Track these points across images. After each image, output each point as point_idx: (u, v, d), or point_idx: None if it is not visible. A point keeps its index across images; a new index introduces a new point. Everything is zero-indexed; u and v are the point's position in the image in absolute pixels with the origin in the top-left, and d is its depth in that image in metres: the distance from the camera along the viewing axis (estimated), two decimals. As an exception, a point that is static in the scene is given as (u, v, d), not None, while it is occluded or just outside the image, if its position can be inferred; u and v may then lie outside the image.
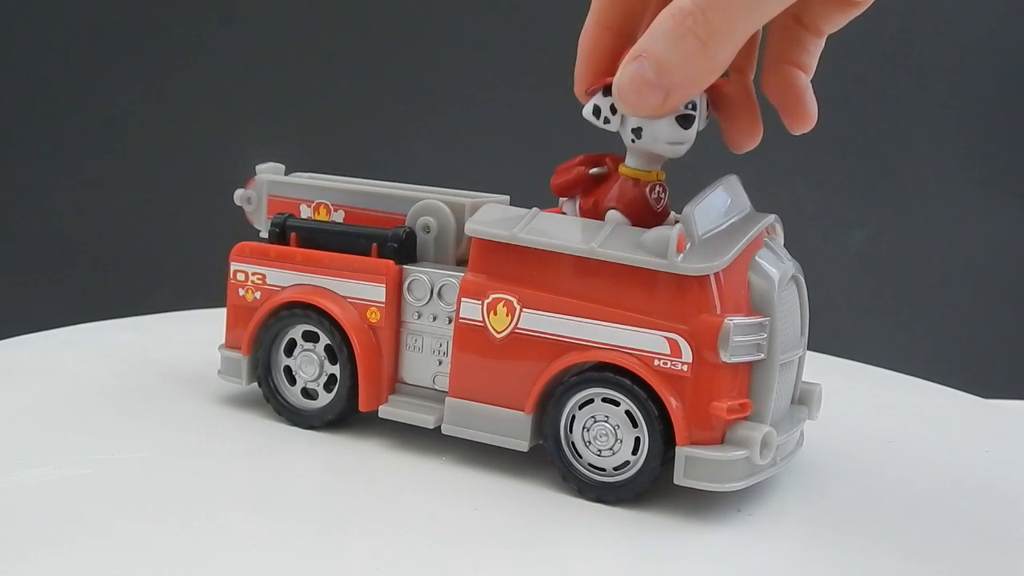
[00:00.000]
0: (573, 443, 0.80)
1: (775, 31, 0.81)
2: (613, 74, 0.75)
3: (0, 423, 0.90)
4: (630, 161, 0.82)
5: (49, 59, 1.74)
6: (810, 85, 0.81)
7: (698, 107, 0.80)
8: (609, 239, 0.78)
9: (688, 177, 0.83)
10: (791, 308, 0.81)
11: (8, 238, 1.75)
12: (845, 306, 1.78)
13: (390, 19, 1.77)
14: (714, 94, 0.82)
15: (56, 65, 1.74)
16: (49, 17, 1.74)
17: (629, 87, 0.72)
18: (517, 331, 0.81)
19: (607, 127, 0.81)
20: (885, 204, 1.81)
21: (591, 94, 0.81)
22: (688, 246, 0.76)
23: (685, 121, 0.78)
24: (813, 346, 0.87)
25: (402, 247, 0.88)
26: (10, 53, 1.74)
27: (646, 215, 0.81)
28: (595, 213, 0.83)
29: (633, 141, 0.81)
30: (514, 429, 0.81)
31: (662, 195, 0.83)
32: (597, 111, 0.81)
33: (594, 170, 0.84)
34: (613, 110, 0.80)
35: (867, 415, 1.06)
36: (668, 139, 0.79)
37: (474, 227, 0.83)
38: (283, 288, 0.92)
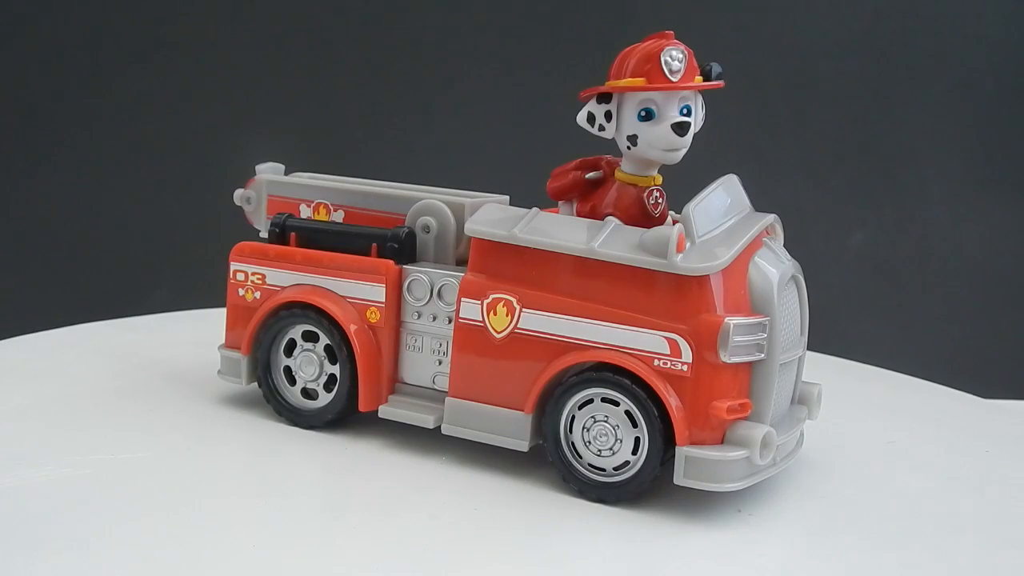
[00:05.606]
0: (573, 443, 0.80)
1: None
2: None
3: (0, 423, 0.90)
4: (626, 167, 0.82)
5: (48, 58, 1.74)
6: None
7: (693, 112, 0.80)
8: (609, 239, 0.78)
9: (687, 177, 0.83)
10: (791, 308, 0.81)
11: (8, 238, 1.74)
12: (845, 306, 1.78)
13: (390, 19, 1.76)
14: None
15: (55, 64, 1.74)
16: (48, 15, 1.74)
17: None
18: (517, 331, 0.81)
19: (602, 134, 0.81)
20: (885, 204, 1.81)
21: (584, 101, 0.81)
22: (688, 246, 0.76)
23: (681, 128, 0.78)
24: (813, 346, 0.87)
25: (402, 247, 0.88)
26: (9, 52, 1.73)
27: (644, 221, 0.81)
28: (592, 218, 0.82)
29: (629, 148, 0.81)
30: (514, 429, 0.81)
31: (660, 200, 0.82)
32: (591, 118, 0.81)
33: (590, 175, 0.84)
34: (607, 116, 0.80)
35: (867, 415, 1.05)
36: (664, 146, 0.79)
37: (474, 227, 0.83)
38: (283, 288, 0.92)
